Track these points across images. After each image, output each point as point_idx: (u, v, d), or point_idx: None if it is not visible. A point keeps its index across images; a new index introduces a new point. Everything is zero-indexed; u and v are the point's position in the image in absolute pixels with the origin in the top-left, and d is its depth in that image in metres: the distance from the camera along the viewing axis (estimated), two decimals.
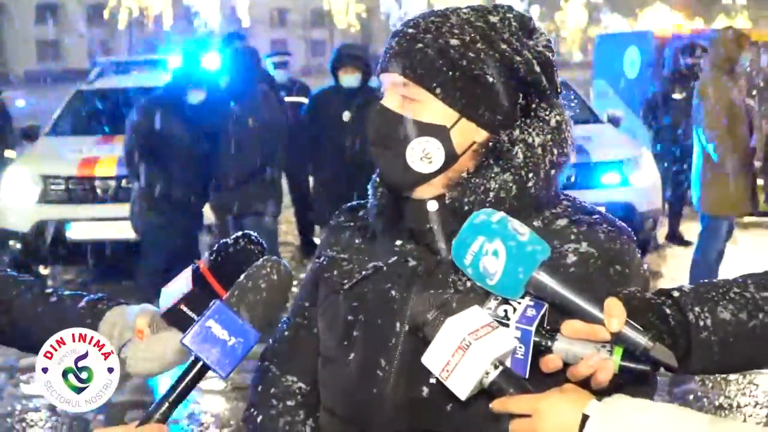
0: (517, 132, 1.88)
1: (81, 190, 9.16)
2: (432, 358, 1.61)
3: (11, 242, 9.17)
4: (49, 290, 2.17)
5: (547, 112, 1.90)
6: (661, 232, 10.71)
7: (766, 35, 13.74)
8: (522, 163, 1.86)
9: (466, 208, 1.85)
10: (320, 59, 77.42)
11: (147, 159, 7.32)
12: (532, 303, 1.67)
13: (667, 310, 1.68)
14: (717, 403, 6.32)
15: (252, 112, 7.39)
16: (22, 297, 2.15)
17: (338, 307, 2.02)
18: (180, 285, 1.95)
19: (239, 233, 2.03)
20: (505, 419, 1.61)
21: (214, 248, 1.99)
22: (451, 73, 1.84)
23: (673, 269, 8.91)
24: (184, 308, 1.91)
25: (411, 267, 1.94)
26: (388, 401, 1.90)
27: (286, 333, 2.20)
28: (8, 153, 11.69)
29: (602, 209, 1.99)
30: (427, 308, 1.66)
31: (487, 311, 1.66)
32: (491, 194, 1.85)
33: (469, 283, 1.81)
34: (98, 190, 9.09)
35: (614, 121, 10.94)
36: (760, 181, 8.13)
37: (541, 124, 1.89)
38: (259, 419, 2.11)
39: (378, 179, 2.04)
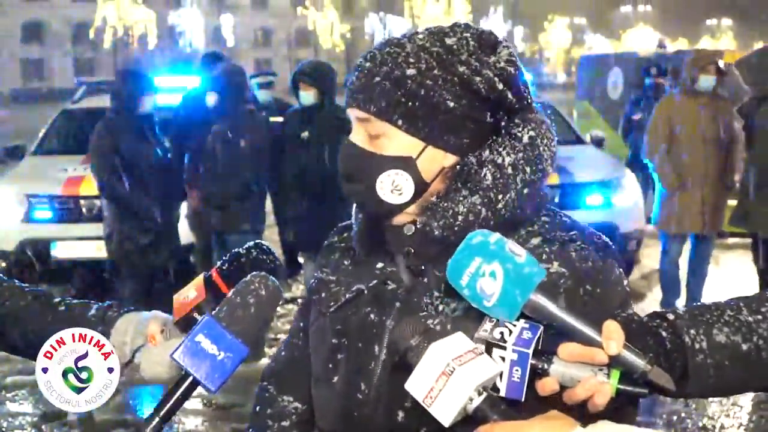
0: (486, 153, 1.85)
1: (66, 209, 9.17)
2: (416, 385, 1.57)
3: None
4: (57, 299, 2.16)
5: (520, 129, 1.86)
6: (644, 253, 10.74)
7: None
8: (491, 185, 1.83)
9: (437, 232, 1.85)
10: None
11: (117, 181, 7.39)
12: (527, 325, 1.64)
13: (663, 333, 1.67)
14: (701, 425, 6.33)
15: (239, 131, 7.41)
16: (31, 307, 2.14)
17: (325, 330, 2.03)
18: (192, 293, 1.95)
19: (251, 243, 2.03)
20: None
21: (226, 257, 2.01)
22: (410, 103, 1.82)
23: (658, 290, 8.93)
24: (197, 316, 1.90)
25: (390, 290, 1.94)
26: (369, 424, 1.91)
27: (284, 353, 2.21)
28: None
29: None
30: (411, 334, 1.64)
31: (483, 333, 1.63)
32: (460, 218, 1.83)
33: (441, 307, 1.83)
34: (83, 210, 9.08)
35: (597, 142, 10.99)
36: (732, 201, 8.25)
37: (512, 141, 1.85)
38: None
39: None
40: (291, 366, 2.18)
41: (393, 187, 1.86)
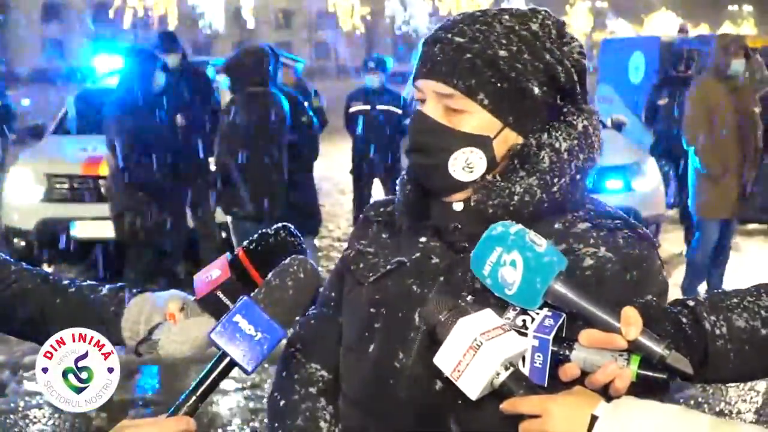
0: (545, 136, 1.88)
1: (85, 189, 9.18)
2: (444, 358, 1.62)
3: (15, 240, 9.22)
4: (66, 282, 2.17)
5: (575, 117, 1.91)
6: (665, 237, 10.69)
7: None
8: (548, 168, 1.87)
9: (491, 211, 1.88)
10: (325, 61, 77.54)
11: (130, 157, 7.41)
12: (550, 313, 1.69)
13: (683, 319, 1.71)
14: (717, 409, 6.32)
15: (240, 111, 7.37)
16: (39, 290, 2.15)
17: (361, 299, 2.05)
18: (216, 273, 1.98)
19: (279, 225, 2.07)
20: (515, 425, 1.63)
21: (254, 237, 2.03)
22: (500, 84, 1.85)
23: (677, 276, 8.90)
24: (221, 295, 1.94)
25: (433, 264, 1.96)
26: (404, 392, 1.93)
27: (312, 321, 2.23)
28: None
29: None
30: (440, 309, 1.68)
31: (506, 321, 1.68)
32: (516, 197, 1.87)
33: (478, 285, 1.81)
34: (102, 189, 9.10)
35: (618, 127, 10.94)
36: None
37: (568, 129, 1.90)
38: (281, 403, 2.15)
39: (406, 177, 2.06)
40: (320, 335, 2.21)
41: (465, 165, 1.89)
